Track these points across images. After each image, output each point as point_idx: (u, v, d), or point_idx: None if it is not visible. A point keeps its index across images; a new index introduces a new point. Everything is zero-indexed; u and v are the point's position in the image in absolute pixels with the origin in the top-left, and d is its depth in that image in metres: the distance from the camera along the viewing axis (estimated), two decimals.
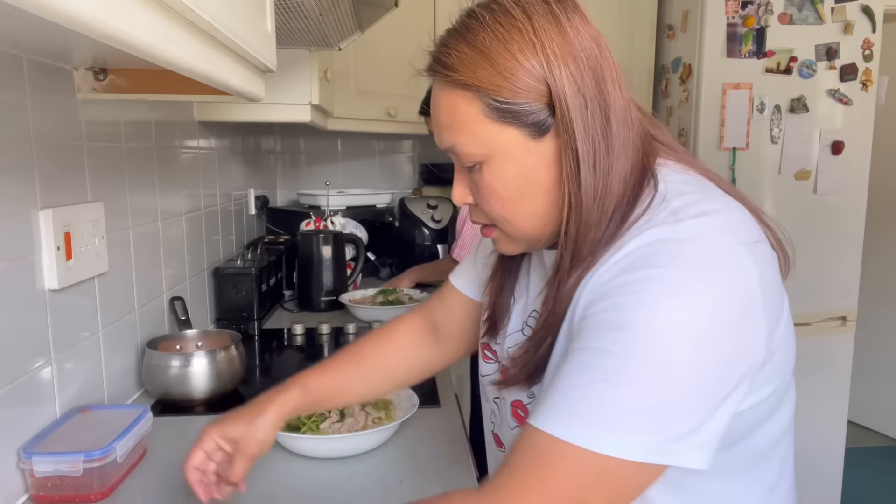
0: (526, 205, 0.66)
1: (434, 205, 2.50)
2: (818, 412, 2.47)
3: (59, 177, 1.02)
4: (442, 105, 0.66)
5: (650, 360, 0.55)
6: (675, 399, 0.55)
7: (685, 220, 0.60)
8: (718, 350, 0.56)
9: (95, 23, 0.45)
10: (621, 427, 0.55)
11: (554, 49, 0.61)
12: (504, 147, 0.63)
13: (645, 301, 0.56)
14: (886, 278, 3.43)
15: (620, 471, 0.55)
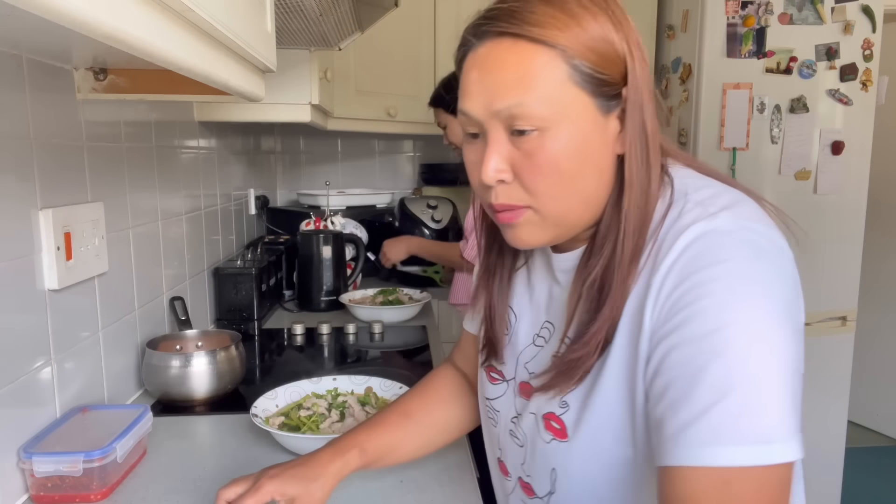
0: (580, 182, 0.63)
1: (434, 205, 2.50)
2: (818, 412, 2.47)
3: (59, 177, 1.02)
4: (510, 61, 0.60)
5: (758, 357, 0.54)
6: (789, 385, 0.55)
7: (717, 213, 0.60)
8: (791, 333, 0.57)
9: (95, 23, 0.45)
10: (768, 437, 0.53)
11: (630, 36, 0.62)
12: (576, 113, 0.61)
13: (721, 307, 0.55)
14: (886, 278, 3.43)
15: (786, 473, 0.55)
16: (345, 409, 1.11)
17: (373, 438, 0.86)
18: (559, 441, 0.67)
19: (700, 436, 0.54)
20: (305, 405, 1.12)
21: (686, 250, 0.59)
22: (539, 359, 0.73)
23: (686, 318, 0.57)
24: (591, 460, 0.65)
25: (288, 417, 1.09)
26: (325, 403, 1.13)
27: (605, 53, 0.60)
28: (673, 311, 0.58)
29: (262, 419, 1.07)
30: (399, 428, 0.89)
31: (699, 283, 0.57)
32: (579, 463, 0.66)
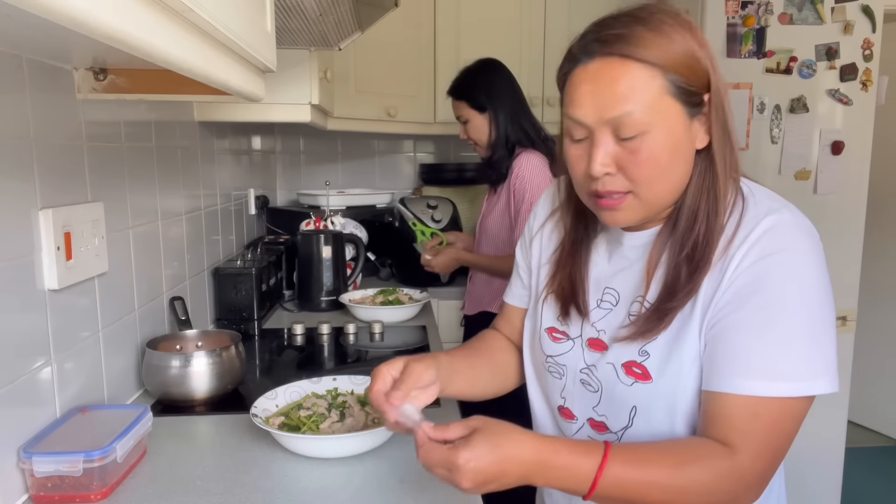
0: (672, 172, 0.78)
1: (434, 205, 2.50)
2: (818, 412, 2.46)
3: (59, 177, 1.02)
4: (620, 78, 0.74)
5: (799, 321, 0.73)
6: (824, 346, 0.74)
7: (780, 209, 0.78)
8: (829, 303, 0.77)
9: (95, 23, 0.45)
10: (801, 375, 0.72)
11: (708, 46, 0.77)
12: (670, 119, 0.75)
13: (783, 279, 0.75)
14: (886, 278, 3.43)
15: (805, 405, 0.74)
16: (345, 409, 1.11)
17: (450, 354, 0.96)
18: (642, 383, 0.81)
19: (752, 372, 0.73)
20: (305, 405, 1.12)
21: (764, 234, 0.76)
22: (609, 319, 0.87)
23: (756, 289, 0.75)
24: (673, 396, 0.79)
25: (288, 417, 1.09)
26: (325, 403, 1.13)
27: (693, 68, 0.75)
28: (748, 279, 0.75)
29: (262, 419, 1.07)
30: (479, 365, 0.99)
31: (773, 262, 0.75)
32: (662, 399, 0.80)
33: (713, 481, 0.72)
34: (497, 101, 1.89)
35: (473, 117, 1.92)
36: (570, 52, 0.79)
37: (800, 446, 0.83)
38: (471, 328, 2.13)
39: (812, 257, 0.77)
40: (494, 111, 1.89)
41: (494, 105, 1.89)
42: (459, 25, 2.54)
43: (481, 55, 2.00)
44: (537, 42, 2.56)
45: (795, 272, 0.75)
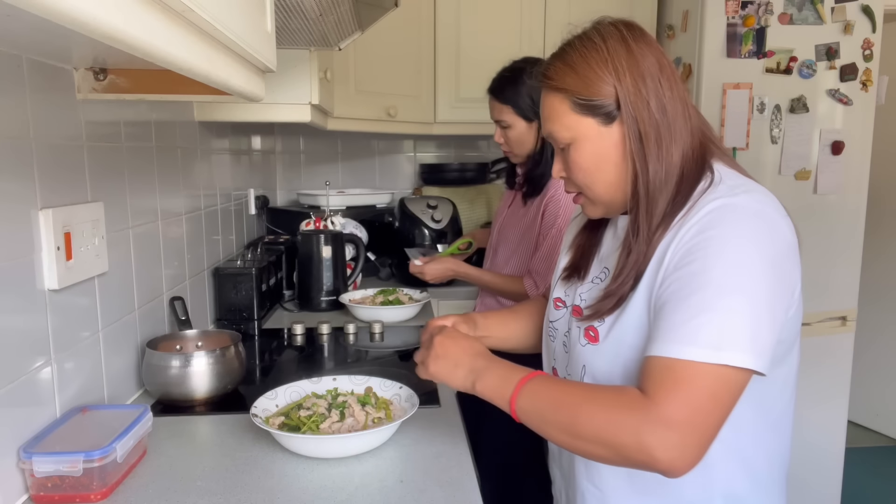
0: (600, 175, 0.89)
1: (434, 205, 2.50)
2: (818, 412, 2.47)
3: (59, 177, 1.02)
4: (545, 104, 0.92)
5: (727, 295, 0.76)
6: (757, 322, 0.76)
7: (740, 193, 0.82)
8: (770, 284, 0.78)
9: (95, 23, 0.45)
10: (730, 344, 0.74)
11: (622, 62, 0.85)
12: (584, 131, 0.88)
13: (722, 252, 0.78)
14: (886, 278, 3.43)
15: (733, 378, 0.75)
16: (345, 409, 1.11)
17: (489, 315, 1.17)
18: (592, 345, 0.91)
19: (669, 337, 0.77)
20: (305, 405, 1.12)
21: (706, 215, 0.81)
22: (592, 292, 0.95)
23: (691, 260, 0.79)
24: (614, 359, 0.87)
25: (288, 417, 1.09)
26: (325, 403, 1.13)
27: (593, 85, 0.86)
28: (685, 255, 0.80)
29: (262, 419, 1.07)
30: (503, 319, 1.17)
31: (707, 237, 0.79)
32: (604, 361, 0.89)
33: (619, 408, 0.77)
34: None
35: (517, 125, 1.73)
36: None
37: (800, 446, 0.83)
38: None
39: (751, 238, 0.78)
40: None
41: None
42: (459, 25, 2.54)
43: (481, 55, 1.99)
44: (537, 42, 2.56)
45: (725, 249, 0.78)
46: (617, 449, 0.76)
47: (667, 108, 0.85)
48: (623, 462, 0.77)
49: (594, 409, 0.78)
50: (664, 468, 0.73)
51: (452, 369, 0.93)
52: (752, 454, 0.89)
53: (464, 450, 1.07)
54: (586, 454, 0.80)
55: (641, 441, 0.73)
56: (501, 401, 0.86)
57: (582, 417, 0.78)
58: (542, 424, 0.83)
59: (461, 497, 0.92)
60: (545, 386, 0.84)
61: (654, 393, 0.75)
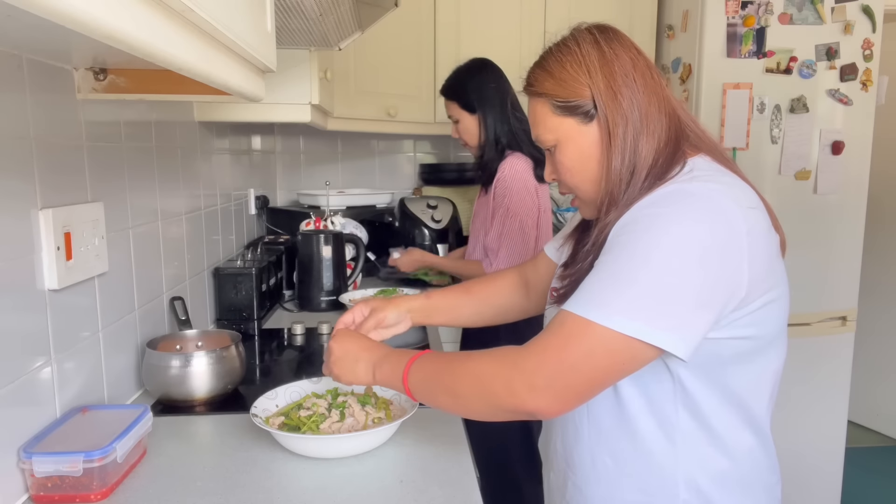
0: (586, 173, 0.91)
1: (434, 205, 2.50)
2: (818, 412, 2.47)
3: (59, 177, 1.02)
4: (530, 109, 0.96)
5: (648, 266, 0.77)
6: (665, 297, 0.76)
7: (695, 180, 0.83)
8: (702, 270, 0.77)
9: (95, 23, 0.45)
10: (622, 310, 0.76)
11: (594, 63, 0.88)
12: (566, 132, 0.91)
13: (649, 227, 0.79)
14: (886, 278, 3.43)
15: (618, 343, 0.76)
16: (345, 409, 1.11)
17: (436, 294, 1.21)
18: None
19: (576, 296, 0.80)
20: (305, 405, 1.12)
21: (654, 197, 0.83)
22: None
23: (622, 232, 0.81)
24: None
25: (288, 417, 1.09)
26: (325, 403, 1.13)
27: (569, 87, 0.89)
28: (620, 228, 0.82)
29: (262, 419, 1.07)
30: (459, 296, 1.22)
31: (642, 216, 0.81)
32: None
33: (491, 361, 0.82)
34: (486, 103, 1.89)
35: (464, 118, 1.93)
36: None
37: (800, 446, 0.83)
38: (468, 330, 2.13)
39: (686, 221, 0.78)
40: (484, 112, 1.89)
41: (484, 106, 1.89)
42: (459, 25, 2.54)
43: (481, 55, 2.00)
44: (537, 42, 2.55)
45: (655, 226, 0.79)
46: (489, 398, 0.81)
47: (640, 102, 0.87)
48: (498, 411, 0.81)
49: (470, 366, 0.84)
50: (531, 410, 0.78)
51: (353, 366, 0.99)
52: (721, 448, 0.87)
53: (464, 450, 1.07)
54: (469, 411, 0.86)
55: (510, 386, 0.78)
56: (396, 381, 0.92)
57: (459, 376, 0.84)
58: (430, 394, 0.89)
59: (461, 497, 0.92)
60: (430, 359, 0.91)
61: (534, 342, 0.80)
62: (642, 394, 0.87)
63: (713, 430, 0.87)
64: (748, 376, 0.87)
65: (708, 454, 0.87)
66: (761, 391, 0.89)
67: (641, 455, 0.89)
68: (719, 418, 0.87)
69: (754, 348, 0.86)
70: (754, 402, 0.89)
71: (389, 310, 1.15)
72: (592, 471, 0.93)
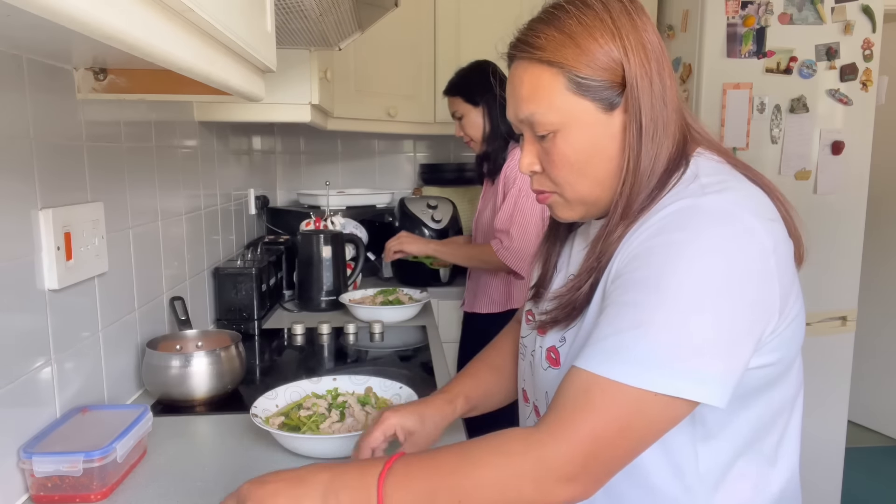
0: (590, 170, 0.76)
1: (434, 205, 2.50)
2: (818, 412, 2.47)
3: (59, 177, 1.02)
4: (525, 79, 0.75)
5: (675, 309, 0.65)
6: (697, 343, 0.64)
7: (710, 194, 0.70)
8: (735, 302, 0.66)
9: (95, 23, 0.45)
10: (651, 365, 0.64)
11: (630, 39, 0.72)
12: (578, 117, 0.74)
13: (671, 260, 0.67)
14: (886, 278, 3.43)
15: (652, 403, 0.64)
16: (345, 409, 1.11)
17: (474, 389, 0.99)
18: (553, 369, 0.81)
19: (595, 349, 0.67)
20: (305, 405, 1.12)
21: (664, 218, 0.70)
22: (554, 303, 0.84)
23: (637, 266, 0.69)
24: None
25: (288, 417, 1.08)
26: (325, 403, 1.13)
27: (599, 63, 0.72)
28: (631, 260, 0.70)
29: (262, 419, 1.07)
30: (491, 380, 1.01)
31: (659, 244, 0.68)
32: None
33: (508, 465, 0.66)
34: (489, 95, 1.93)
35: (468, 112, 1.97)
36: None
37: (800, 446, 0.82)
38: (469, 325, 2.13)
39: (714, 246, 0.66)
40: (487, 105, 1.95)
41: (487, 99, 1.94)
42: (459, 25, 2.54)
43: (481, 55, 2.01)
44: None
45: (680, 257, 0.66)
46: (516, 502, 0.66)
47: (667, 96, 0.74)
48: None
49: (480, 475, 0.66)
50: (565, 501, 0.66)
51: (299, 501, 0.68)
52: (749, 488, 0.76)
53: None
54: None
55: (541, 485, 0.64)
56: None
57: (468, 489, 0.65)
58: None
59: None
60: (412, 468, 0.68)
61: (556, 420, 0.66)
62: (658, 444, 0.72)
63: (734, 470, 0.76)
64: (769, 407, 0.76)
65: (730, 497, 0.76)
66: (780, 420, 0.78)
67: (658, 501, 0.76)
68: (739, 455, 0.76)
69: (780, 373, 0.75)
70: (772, 432, 0.77)
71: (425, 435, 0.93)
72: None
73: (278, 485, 0.69)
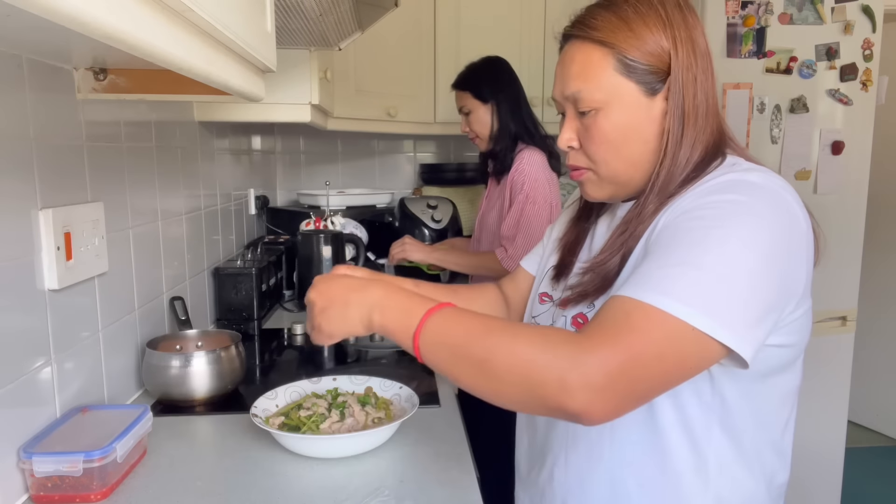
0: (626, 150, 0.80)
1: (434, 205, 2.50)
2: (818, 412, 2.47)
3: (59, 177, 1.02)
4: (577, 57, 0.81)
5: (722, 258, 0.68)
6: (740, 294, 0.68)
7: (755, 171, 0.75)
8: (773, 268, 0.70)
9: (95, 23, 0.45)
10: (693, 302, 0.66)
11: (680, 33, 0.78)
12: (622, 96, 0.79)
13: (724, 215, 0.70)
14: (886, 278, 3.43)
15: (688, 337, 0.66)
16: (345, 409, 1.11)
17: (424, 286, 1.02)
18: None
19: (641, 281, 0.69)
20: (305, 405, 1.12)
21: (711, 184, 0.74)
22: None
23: (690, 217, 0.72)
24: None
25: (288, 417, 1.09)
26: (325, 403, 1.13)
27: (648, 48, 0.77)
28: (682, 213, 0.74)
29: (262, 419, 1.07)
30: (444, 294, 1.06)
31: (712, 202, 0.72)
32: None
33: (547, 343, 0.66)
34: (500, 93, 1.91)
35: (476, 108, 1.93)
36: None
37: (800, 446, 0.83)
38: None
39: (767, 216, 0.70)
40: (497, 102, 1.91)
41: (497, 96, 1.91)
42: (459, 25, 2.54)
43: (481, 55, 2.01)
44: (537, 42, 2.56)
45: (732, 215, 0.70)
46: (533, 387, 0.65)
47: (708, 91, 0.80)
48: (539, 406, 0.67)
49: (518, 344, 0.67)
50: (576, 411, 0.64)
51: (343, 313, 0.77)
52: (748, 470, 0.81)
53: (464, 450, 1.07)
54: (499, 396, 0.69)
55: (564, 379, 0.64)
56: (404, 333, 0.73)
57: (500, 351, 0.67)
58: (450, 360, 0.70)
59: (461, 497, 0.92)
60: (458, 317, 0.71)
61: (597, 331, 0.67)
62: (676, 405, 0.77)
63: (743, 450, 0.80)
64: (778, 391, 0.81)
65: (736, 476, 0.80)
66: (784, 408, 0.83)
67: (670, 478, 0.79)
68: (750, 437, 0.80)
69: (791, 358, 0.80)
70: (777, 420, 0.83)
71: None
72: (612, 499, 0.82)
73: (341, 282, 0.81)
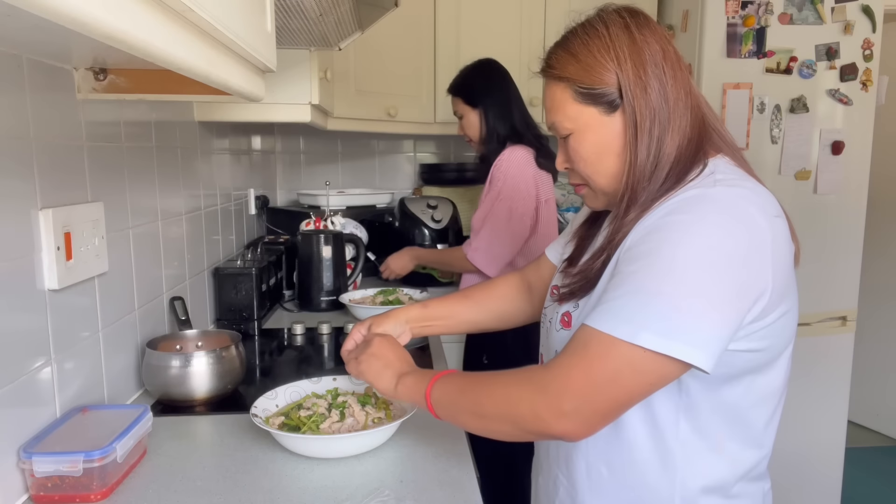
0: (603, 166, 0.87)
1: (434, 205, 2.50)
2: (818, 412, 2.47)
3: (59, 177, 1.02)
4: (547, 94, 0.90)
5: (672, 278, 0.74)
6: (691, 310, 0.73)
7: (720, 186, 0.80)
8: (727, 281, 0.74)
9: (95, 23, 0.45)
10: (644, 325, 0.73)
11: (624, 50, 0.83)
12: (586, 121, 0.86)
13: (671, 236, 0.76)
14: (886, 278, 3.43)
15: (642, 358, 0.73)
16: (345, 409, 1.11)
17: (433, 303, 1.19)
18: (565, 330, 0.91)
19: (600, 309, 0.77)
20: (305, 405, 1.12)
21: (676, 202, 0.80)
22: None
23: (647, 240, 0.79)
24: None
25: (288, 417, 1.09)
26: (325, 403, 1.13)
27: (594, 73, 0.84)
28: (643, 235, 0.80)
29: (262, 419, 1.07)
30: (457, 303, 1.19)
31: (665, 223, 0.78)
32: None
33: (516, 383, 0.80)
34: (488, 98, 1.95)
35: (467, 113, 1.99)
36: None
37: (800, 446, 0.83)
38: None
39: (712, 231, 0.75)
40: (485, 107, 1.96)
41: (485, 101, 1.95)
42: (459, 25, 2.54)
43: (481, 55, 2.02)
44: (537, 42, 2.56)
45: (683, 236, 0.76)
46: (515, 421, 0.79)
47: (669, 96, 0.83)
48: (524, 434, 0.80)
49: (494, 387, 0.83)
50: (558, 435, 0.77)
51: (381, 370, 0.99)
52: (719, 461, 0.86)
53: (464, 450, 1.07)
54: (494, 433, 0.84)
55: (535, 410, 0.76)
56: (418, 396, 0.91)
57: (484, 396, 0.83)
58: (454, 411, 0.87)
59: (461, 497, 0.92)
60: (455, 377, 0.90)
61: (560, 362, 0.77)
62: (643, 403, 0.83)
63: (713, 444, 0.85)
64: (754, 390, 0.85)
65: (705, 467, 0.85)
66: (765, 406, 0.87)
67: (637, 466, 0.86)
68: (723, 433, 0.85)
69: (766, 361, 0.84)
70: (756, 417, 0.87)
71: (388, 324, 1.12)
72: (587, 479, 0.91)
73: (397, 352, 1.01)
